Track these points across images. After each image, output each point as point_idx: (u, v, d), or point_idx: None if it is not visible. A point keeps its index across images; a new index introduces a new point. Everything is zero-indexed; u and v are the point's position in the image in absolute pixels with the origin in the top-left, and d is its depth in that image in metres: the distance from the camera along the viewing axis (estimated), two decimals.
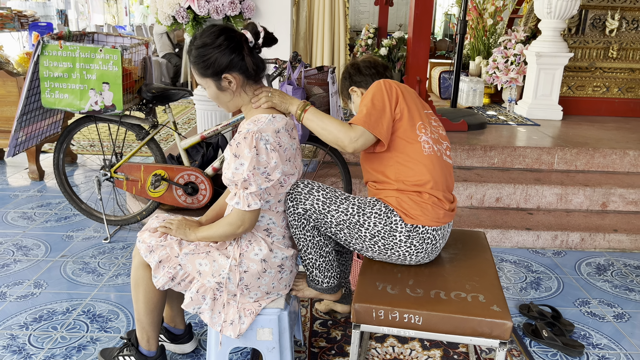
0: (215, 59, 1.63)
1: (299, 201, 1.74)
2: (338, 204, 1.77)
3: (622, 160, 3.92)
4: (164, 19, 3.23)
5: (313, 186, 1.77)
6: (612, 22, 5.19)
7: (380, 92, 1.82)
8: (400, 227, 1.76)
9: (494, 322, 1.56)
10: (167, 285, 1.74)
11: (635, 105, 5.44)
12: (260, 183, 1.63)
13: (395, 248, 1.78)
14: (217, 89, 1.70)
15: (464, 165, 3.93)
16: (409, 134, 1.80)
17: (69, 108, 2.82)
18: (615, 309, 2.60)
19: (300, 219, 1.76)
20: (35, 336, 2.23)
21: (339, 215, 1.76)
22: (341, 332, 2.31)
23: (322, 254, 1.83)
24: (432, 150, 1.81)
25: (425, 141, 1.81)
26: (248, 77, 1.70)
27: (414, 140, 1.80)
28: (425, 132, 1.83)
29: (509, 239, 3.28)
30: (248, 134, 1.61)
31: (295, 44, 4.19)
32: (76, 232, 3.26)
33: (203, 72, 1.67)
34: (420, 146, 1.80)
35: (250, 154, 1.59)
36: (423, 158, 1.79)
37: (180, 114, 6.76)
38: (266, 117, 1.69)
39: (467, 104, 5.74)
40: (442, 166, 1.83)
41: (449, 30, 11.96)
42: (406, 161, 1.79)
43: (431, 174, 1.78)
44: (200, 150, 3.26)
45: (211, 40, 1.63)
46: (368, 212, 1.77)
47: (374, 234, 1.77)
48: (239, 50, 1.64)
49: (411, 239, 1.76)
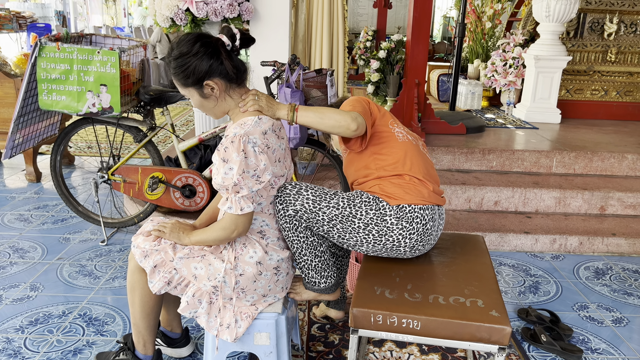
0: (194, 66, 1.62)
1: (289, 203, 1.75)
2: (328, 199, 1.78)
3: (620, 164, 3.91)
4: (163, 21, 3.22)
5: (301, 186, 1.78)
6: (610, 26, 5.19)
7: (357, 99, 1.93)
8: (389, 210, 1.78)
9: (492, 328, 1.55)
10: (163, 289, 1.73)
11: (633, 108, 5.44)
12: (251, 186, 1.62)
13: (389, 233, 1.78)
14: (201, 97, 1.69)
15: (462, 169, 3.93)
16: (382, 128, 1.90)
17: (66, 110, 2.81)
18: (614, 314, 2.59)
19: (291, 221, 1.76)
20: (31, 340, 2.21)
21: (330, 211, 1.77)
22: (339, 337, 2.30)
23: (317, 253, 1.83)
24: (406, 139, 1.91)
25: (399, 132, 1.92)
26: (230, 80, 1.68)
27: (388, 132, 1.90)
28: (397, 126, 1.95)
29: (507, 243, 3.27)
30: (235, 137, 1.60)
31: (293, 47, 4.19)
32: (73, 235, 3.25)
33: (184, 82, 1.66)
34: (395, 135, 1.90)
35: (239, 158, 1.58)
36: (397, 144, 1.88)
37: (178, 116, 6.76)
38: (252, 120, 1.68)
39: (466, 107, 5.74)
40: (418, 152, 1.91)
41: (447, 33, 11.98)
42: (382, 149, 1.87)
43: (406, 155, 1.86)
44: (198, 153, 3.25)
45: (187, 49, 1.62)
46: (357, 202, 1.80)
47: (367, 222, 1.78)
48: (216, 55, 1.63)
49: (400, 219, 1.78)
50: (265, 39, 3.51)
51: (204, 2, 3.13)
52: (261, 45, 3.52)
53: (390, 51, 6.52)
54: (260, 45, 3.53)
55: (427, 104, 4.30)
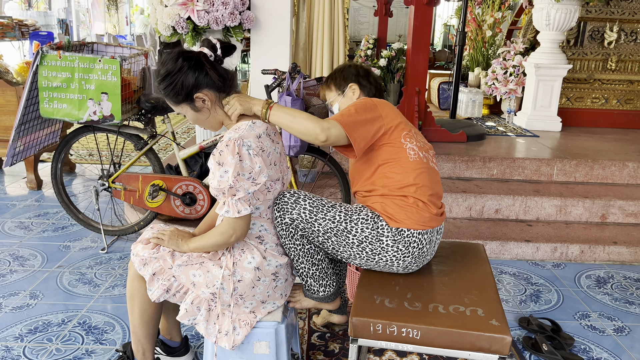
0: (181, 82, 1.66)
1: (286, 211, 1.75)
2: (325, 212, 1.78)
3: (621, 172, 3.91)
4: (164, 30, 3.23)
5: (299, 195, 1.78)
6: (610, 34, 5.20)
7: (368, 105, 1.86)
8: (386, 231, 1.77)
9: (492, 337, 1.54)
10: (162, 297, 1.73)
11: (634, 116, 5.45)
12: (247, 188, 1.63)
13: (383, 253, 1.78)
14: (194, 111, 1.73)
15: (463, 176, 3.93)
16: (395, 143, 1.83)
17: (67, 118, 2.82)
18: (616, 323, 2.58)
19: (287, 228, 1.76)
20: (30, 348, 2.20)
21: (326, 223, 1.77)
22: (339, 345, 2.29)
23: (314, 262, 1.83)
24: (417, 157, 1.84)
25: (411, 148, 1.85)
26: (219, 90, 1.73)
27: (400, 148, 1.83)
28: (411, 140, 1.86)
29: (508, 251, 3.26)
30: (230, 141, 1.63)
31: (294, 55, 4.20)
32: (73, 242, 3.25)
33: (176, 99, 1.71)
34: (406, 153, 1.83)
35: (234, 161, 1.60)
36: (409, 164, 1.82)
37: (179, 124, 6.77)
38: (246, 124, 1.71)
39: (466, 114, 5.75)
40: (428, 172, 1.86)
41: (448, 41, 12.02)
42: (392, 167, 1.82)
43: (416, 178, 1.81)
44: (199, 161, 3.25)
45: (172, 66, 1.67)
46: (355, 218, 1.78)
47: (362, 239, 1.77)
48: (200, 67, 1.68)
49: (397, 242, 1.76)
50: (266, 48, 3.52)
51: (205, 10, 3.14)
52: (262, 53, 3.53)
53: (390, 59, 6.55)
54: (261, 53, 3.54)
55: (427, 112, 4.31)
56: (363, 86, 2.09)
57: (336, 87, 2.12)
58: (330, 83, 2.15)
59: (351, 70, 2.11)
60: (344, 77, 2.10)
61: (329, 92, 2.16)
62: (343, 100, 2.09)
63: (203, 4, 3.13)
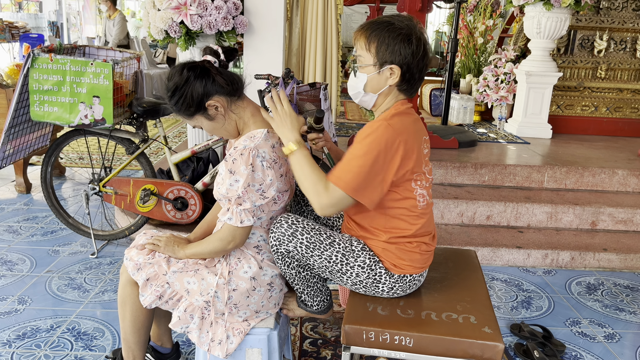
0: (190, 93, 1.63)
1: (282, 242, 1.66)
2: (322, 250, 1.67)
3: (611, 179, 3.94)
4: (157, 33, 3.22)
5: (297, 227, 1.65)
6: (600, 43, 5.26)
7: (385, 147, 1.55)
8: (384, 278, 1.71)
9: (485, 344, 1.54)
10: (155, 303, 1.71)
11: (623, 124, 5.50)
12: (254, 200, 1.62)
13: (377, 292, 1.75)
14: (209, 120, 1.69)
15: (454, 183, 3.94)
16: (406, 188, 1.66)
17: (58, 121, 2.79)
18: (606, 329, 2.59)
19: (283, 257, 1.70)
20: (19, 354, 2.17)
21: (321, 261, 1.69)
22: (331, 352, 2.28)
23: (309, 284, 1.80)
24: (425, 202, 1.71)
25: (421, 194, 1.69)
26: (229, 94, 1.68)
27: (409, 196, 1.67)
28: (422, 182, 1.68)
29: (499, 257, 3.27)
30: (245, 150, 1.61)
31: (287, 60, 4.20)
32: (62, 247, 3.21)
33: (189, 112, 1.66)
34: (416, 201, 1.68)
35: (247, 171, 1.59)
36: (417, 211, 1.69)
37: (171, 128, 6.74)
38: (262, 133, 1.68)
39: (458, 121, 5.77)
40: (430, 212, 1.77)
41: (440, 48, 12.08)
42: (399, 214, 1.68)
43: (422, 227, 1.71)
44: (191, 165, 3.24)
45: (179, 79, 1.63)
46: (352, 262, 1.70)
47: (356, 282, 1.73)
48: (207, 75, 1.64)
49: (395, 288, 1.73)
50: (259, 52, 3.52)
51: (198, 15, 3.13)
52: (255, 58, 3.53)
53: None
54: (254, 58, 3.53)
55: (419, 118, 4.32)
56: (407, 81, 1.63)
57: (376, 54, 1.60)
58: (373, 40, 1.60)
59: (407, 49, 1.57)
60: (393, 51, 1.58)
61: (363, 51, 1.63)
62: (372, 78, 1.63)
63: (196, 8, 3.12)
